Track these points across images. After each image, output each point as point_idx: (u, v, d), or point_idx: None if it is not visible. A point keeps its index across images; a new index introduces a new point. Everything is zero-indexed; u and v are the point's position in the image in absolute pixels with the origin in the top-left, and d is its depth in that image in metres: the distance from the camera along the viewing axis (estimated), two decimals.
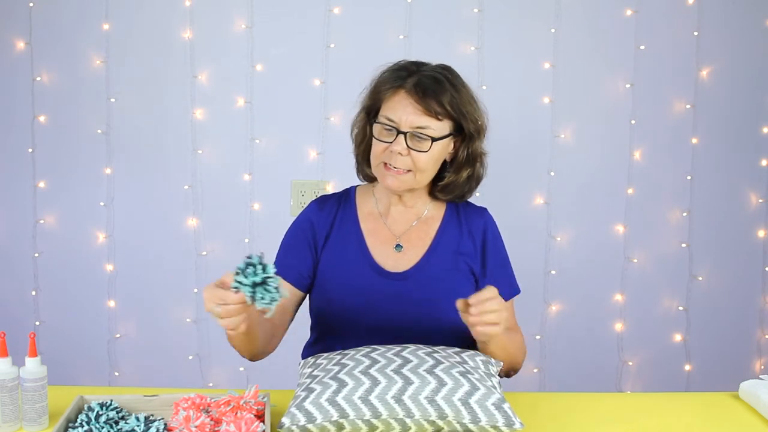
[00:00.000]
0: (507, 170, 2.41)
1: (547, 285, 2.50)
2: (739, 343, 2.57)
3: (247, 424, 1.12)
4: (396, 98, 1.43)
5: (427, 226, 1.54)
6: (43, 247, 2.47)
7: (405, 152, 1.41)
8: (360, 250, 1.51)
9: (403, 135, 1.41)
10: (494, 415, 1.15)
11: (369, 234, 1.53)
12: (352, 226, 1.54)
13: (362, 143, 1.53)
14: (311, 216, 1.56)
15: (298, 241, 1.54)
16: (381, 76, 1.48)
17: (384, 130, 1.43)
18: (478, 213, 1.58)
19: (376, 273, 1.49)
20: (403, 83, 1.43)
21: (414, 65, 1.47)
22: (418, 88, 1.41)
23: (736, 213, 2.52)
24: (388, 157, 1.43)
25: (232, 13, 2.40)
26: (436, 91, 1.41)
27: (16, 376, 1.21)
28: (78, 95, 2.41)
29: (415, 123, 1.41)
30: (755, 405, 1.35)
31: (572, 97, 2.45)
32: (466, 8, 2.40)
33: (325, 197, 1.60)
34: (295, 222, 1.59)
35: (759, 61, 2.47)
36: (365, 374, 1.20)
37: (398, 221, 1.54)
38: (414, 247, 1.52)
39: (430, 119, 1.41)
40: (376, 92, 1.47)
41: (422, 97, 1.41)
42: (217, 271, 2.44)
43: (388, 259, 1.50)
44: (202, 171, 2.45)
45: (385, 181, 1.46)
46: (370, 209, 1.56)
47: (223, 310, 1.16)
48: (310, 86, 2.42)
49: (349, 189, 1.62)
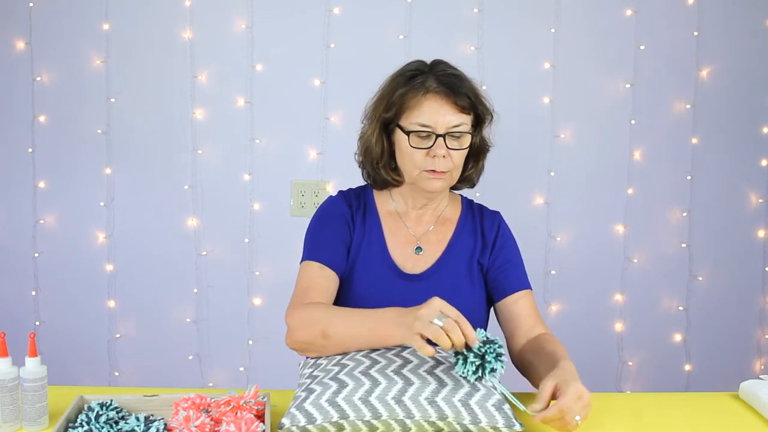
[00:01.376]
0: (507, 170, 2.41)
1: (547, 285, 2.50)
2: (739, 343, 2.58)
3: (247, 424, 1.12)
4: (426, 103, 1.41)
5: (445, 228, 1.55)
6: (43, 247, 2.47)
7: (447, 154, 1.41)
8: (380, 250, 1.50)
9: (442, 137, 1.40)
10: (494, 417, 1.15)
11: (390, 234, 1.52)
12: (374, 224, 1.53)
13: (383, 154, 1.50)
14: (340, 206, 1.53)
15: (333, 228, 1.51)
16: (394, 86, 1.46)
17: (419, 137, 1.42)
18: (492, 216, 1.59)
19: (395, 274, 1.49)
20: (426, 87, 1.41)
21: (419, 66, 1.47)
22: (443, 88, 1.41)
23: (736, 213, 2.53)
24: (431, 164, 1.42)
25: (232, 13, 2.40)
26: (459, 86, 1.41)
27: (16, 376, 1.21)
28: (78, 95, 2.41)
29: (451, 123, 1.40)
30: (755, 405, 1.35)
31: (572, 97, 2.45)
32: (466, 8, 2.40)
33: (345, 192, 1.58)
34: (323, 212, 1.54)
35: (759, 61, 2.47)
36: (365, 375, 1.20)
37: (417, 223, 1.54)
38: (432, 249, 1.52)
39: (462, 115, 1.42)
40: (397, 103, 1.44)
41: (450, 96, 1.40)
42: (217, 271, 2.46)
43: (407, 261, 1.50)
44: (202, 171, 2.45)
45: (430, 186, 1.44)
46: (390, 210, 1.55)
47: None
48: (310, 86, 2.42)
49: (364, 187, 1.59)
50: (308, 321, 1.33)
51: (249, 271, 2.47)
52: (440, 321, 1.14)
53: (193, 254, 2.47)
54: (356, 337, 1.28)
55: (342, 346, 1.30)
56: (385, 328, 1.24)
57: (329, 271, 1.46)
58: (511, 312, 1.49)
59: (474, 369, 1.15)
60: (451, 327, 1.13)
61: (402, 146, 1.45)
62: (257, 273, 2.47)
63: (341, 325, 1.30)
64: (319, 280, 1.44)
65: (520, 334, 1.46)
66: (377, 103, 1.49)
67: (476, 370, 1.15)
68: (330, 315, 1.33)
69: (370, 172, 1.54)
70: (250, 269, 2.47)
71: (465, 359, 1.16)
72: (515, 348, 1.47)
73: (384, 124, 1.48)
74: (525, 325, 1.47)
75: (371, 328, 1.26)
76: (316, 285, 1.44)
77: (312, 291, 1.43)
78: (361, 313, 1.31)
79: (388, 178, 1.51)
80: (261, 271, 2.47)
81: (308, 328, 1.32)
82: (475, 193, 2.24)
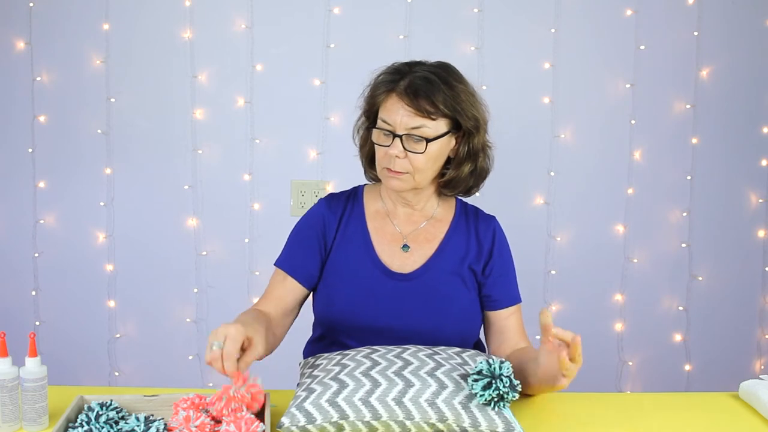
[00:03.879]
0: (507, 170, 2.40)
1: (547, 285, 2.50)
2: (739, 343, 2.58)
3: (247, 424, 1.12)
4: (390, 101, 1.43)
5: (435, 228, 1.54)
6: (43, 247, 2.47)
7: (402, 155, 1.41)
8: (366, 249, 1.50)
9: (399, 138, 1.41)
10: (494, 420, 1.15)
11: (375, 233, 1.52)
12: (359, 224, 1.53)
13: (365, 146, 1.54)
14: (321, 213, 1.55)
15: (307, 237, 1.54)
16: (377, 79, 1.48)
17: (382, 134, 1.43)
18: (487, 220, 1.58)
19: (382, 273, 1.48)
20: (396, 86, 1.42)
21: (407, 66, 1.46)
22: (409, 90, 1.41)
23: (736, 213, 2.53)
24: (388, 162, 1.43)
25: (232, 13, 2.40)
26: (427, 92, 1.40)
27: (16, 376, 1.21)
28: (78, 95, 2.41)
29: (408, 125, 1.40)
30: (755, 405, 1.35)
31: (572, 97, 2.45)
32: (466, 8, 2.40)
33: (333, 195, 1.59)
34: (304, 218, 1.58)
35: (759, 61, 2.47)
36: (366, 375, 1.20)
37: (406, 221, 1.54)
38: (421, 248, 1.51)
39: (424, 119, 1.40)
40: (373, 96, 1.47)
41: (413, 99, 1.40)
42: (217, 271, 2.46)
43: (395, 260, 1.50)
44: (202, 171, 2.45)
45: (389, 184, 1.46)
46: (378, 208, 1.56)
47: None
48: (310, 86, 2.42)
49: (357, 187, 1.61)
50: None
51: (249, 271, 2.47)
52: (215, 346, 1.16)
53: (193, 254, 2.47)
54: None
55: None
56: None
57: (291, 282, 1.51)
58: (502, 326, 1.53)
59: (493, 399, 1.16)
60: (222, 356, 1.16)
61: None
62: (257, 273, 2.47)
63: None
64: (276, 290, 1.52)
65: (506, 347, 1.51)
66: (364, 95, 1.52)
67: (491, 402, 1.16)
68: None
69: (364, 165, 1.58)
70: (250, 269, 2.47)
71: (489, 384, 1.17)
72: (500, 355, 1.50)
73: (366, 116, 1.52)
74: (512, 340, 1.52)
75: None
76: (271, 293, 1.52)
77: (265, 298, 1.52)
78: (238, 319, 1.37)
79: (372, 172, 1.55)
80: (261, 271, 2.47)
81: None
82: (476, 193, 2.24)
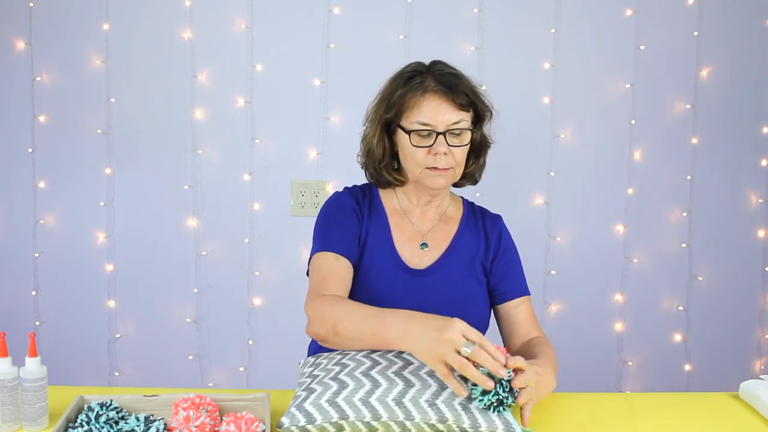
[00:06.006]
0: (507, 170, 2.41)
1: (547, 285, 2.50)
2: (739, 343, 2.58)
3: (247, 424, 1.12)
4: (425, 102, 1.44)
5: (448, 226, 1.57)
6: (43, 247, 2.47)
7: (448, 151, 1.44)
8: (388, 246, 1.52)
9: (442, 135, 1.43)
10: (494, 422, 1.15)
11: (396, 230, 1.54)
12: (380, 220, 1.55)
13: (385, 155, 1.52)
14: (348, 200, 1.55)
15: (343, 219, 1.52)
16: (393, 87, 1.48)
17: (419, 136, 1.44)
18: (494, 219, 1.61)
19: (401, 269, 1.50)
20: (425, 87, 1.44)
21: (423, 67, 1.50)
22: (442, 87, 1.43)
23: (736, 213, 2.53)
24: (432, 161, 1.44)
25: (232, 13, 2.40)
26: (457, 84, 1.44)
27: (16, 376, 1.21)
28: (78, 95, 2.41)
29: (450, 120, 1.43)
30: (755, 405, 1.35)
31: (572, 97, 2.45)
32: (466, 8, 2.40)
33: (350, 189, 1.59)
34: (332, 204, 1.55)
35: (759, 61, 2.47)
36: (366, 376, 1.20)
37: (422, 219, 1.57)
38: (437, 245, 1.55)
39: (461, 112, 1.44)
40: (397, 104, 1.46)
41: (448, 94, 1.43)
42: (217, 271, 2.46)
43: (413, 257, 1.52)
44: (202, 171, 2.45)
45: (434, 183, 1.47)
46: (395, 206, 1.58)
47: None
48: (310, 86, 2.42)
49: (367, 184, 1.61)
50: (322, 315, 1.34)
51: (249, 271, 2.47)
52: (468, 348, 1.11)
53: (193, 254, 2.47)
54: (363, 338, 1.28)
55: (352, 343, 1.31)
56: (388, 333, 1.23)
57: (344, 260, 1.47)
58: (511, 317, 1.55)
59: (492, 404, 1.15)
60: (476, 354, 1.12)
61: (404, 146, 1.47)
62: (257, 273, 2.47)
63: (350, 323, 1.30)
64: (336, 270, 1.46)
65: (517, 337, 1.54)
66: (378, 105, 1.52)
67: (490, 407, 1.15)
68: (342, 311, 1.33)
69: (372, 173, 1.57)
70: (250, 269, 2.47)
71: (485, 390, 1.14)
72: (511, 349, 1.54)
73: (385, 125, 1.50)
74: (522, 329, 1.54)
75: (375, 332, 1.25)
76: (333, 274, 1.45)
77: (329, 280, 1.43)
78: (368, 313, 1.29)
79: (390, 179, 1.54)
80: (261, 271, 2.47)
81: (322, 323, 1.34)
82: (476, 193, 2.24)
